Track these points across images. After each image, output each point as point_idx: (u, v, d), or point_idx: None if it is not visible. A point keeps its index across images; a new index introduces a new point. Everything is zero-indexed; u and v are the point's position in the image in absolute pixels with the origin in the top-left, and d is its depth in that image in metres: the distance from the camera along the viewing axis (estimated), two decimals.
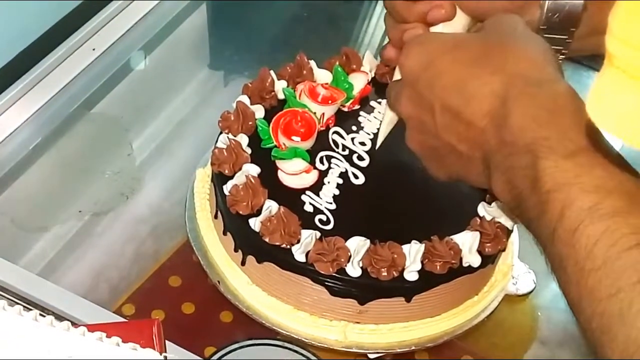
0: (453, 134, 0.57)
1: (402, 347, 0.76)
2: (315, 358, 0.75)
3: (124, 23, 1.06)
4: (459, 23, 0.66)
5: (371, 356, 0.77)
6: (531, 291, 0.84)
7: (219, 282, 0.80)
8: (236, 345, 0.78)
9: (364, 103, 0.86)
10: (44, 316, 0.47)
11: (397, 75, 0.66)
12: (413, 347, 0.77)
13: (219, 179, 0.78)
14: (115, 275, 0.85)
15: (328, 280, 0.72)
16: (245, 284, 0.79)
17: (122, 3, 1.07)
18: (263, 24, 1.21)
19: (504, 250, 0.76)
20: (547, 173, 0.47)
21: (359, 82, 0.85)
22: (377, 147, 0.80)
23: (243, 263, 0.78)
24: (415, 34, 0.64)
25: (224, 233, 0.79)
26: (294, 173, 0.77)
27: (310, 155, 0.79)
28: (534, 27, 0.62)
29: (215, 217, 0.81)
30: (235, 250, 0.78)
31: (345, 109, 0.85)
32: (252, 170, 0.76)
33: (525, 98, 0.52)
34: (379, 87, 0.87)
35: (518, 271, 0.83)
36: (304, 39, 1.18)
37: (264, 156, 0.79)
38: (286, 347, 0.78)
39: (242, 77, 1.07)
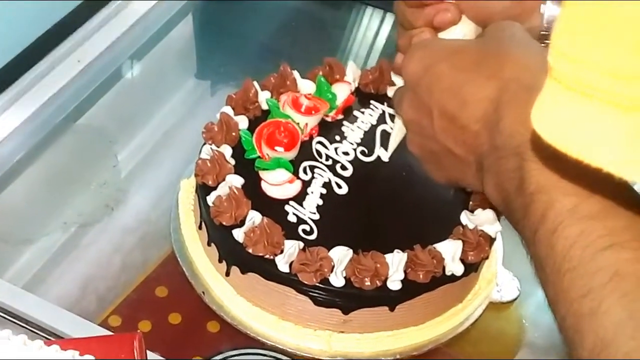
0: (450, 138, 0.58)
1: (386, 356, 0.76)
2: None
3: (109, 35, 1.06)
4: (466, 28, 0.67)
5: None
6: (515, 298, 0.84)
7: (203, 292, 0.80)
8: (221, 356, 0.78)
9: (348, 113, 0.86)
10: (17, 335, 0.47)
11: (400, 81, 0.67)
12: (398, 356, 0.77)
13: (202, 190, 0.78)
14: (103, 286, 0.85)
15: (312, 290, 0.73)
16: (230, 295, 0.79)
17: (107, 15, 1.07)
18: (250, 34, 1.21)
19: (487, 258, 0.76)
20: (532, 175, 0.48)
21: (342, 92, 0.85)
22: (389, 157, 0.81)
23: (227, 274, 0.78)
24: (422, 38, 0.66)
25: (209, 244, 0.79)
26: (277, 183, 0.78)
27: (294, 166, 0.79)
28: (534, 35, 0.63)
29: (200, 227, 0.81)
30: (220, 261, 0.78)
31: (329, 119, 0.85)
32: (236, 181, 0.77)
33: (517, 103, 0.52)
34: (362, 96, 0.87)
35: (502, 279, 0.83)
36: (291, 48, 1.18)
37: (247, 167, 0.79)
38: (271, 357, 0.79)
39: (229, 86, 1.07)
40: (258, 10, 1.24)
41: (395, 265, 0.71)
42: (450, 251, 0.73)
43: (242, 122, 0.82)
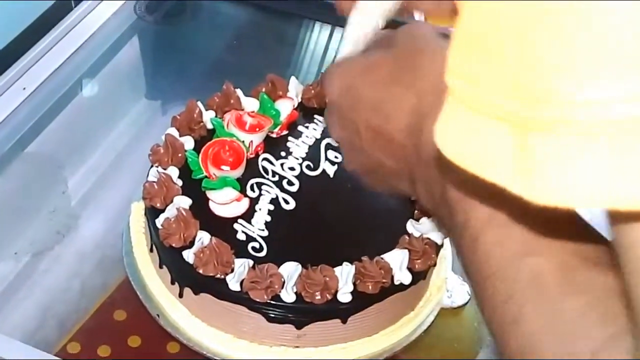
0: (380, 151, 0.59)
1: None
2: None
3: (54, 61, 1.06)
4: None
5: None
6: (466, 303, 0.85)
7: (158, 315, 0.80)
8: None
9: (292, 128, 0.87)
10: None
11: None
12: None
13: (151, 213, 0.78)
14: (62, 313, 0.85)
15: (264, 307, 0.73)
16: (185, 316, 0.79)
17: (50, 41, 1.07)
18: (199, 52, 1.21)
19: (434, 265, 0.78)
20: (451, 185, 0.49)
21: (285, 108, 0.86)
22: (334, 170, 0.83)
23: (181, 295, 0.78)
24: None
25: (160, 266, 0.80)
26: (224, 202, 0.78)
27: (241, 184, 0.80)
28: None
29: (151, 250, 0.82)
30: (172, 283, 0.79)
31: (274, 136, 0.86)
32: (183, 202, 0.77)
33: (434, 112, 0.53)
34: (306, 111, 0.88)
35: (452, 284, 0.84)
36: (240, 65, 1.18)
37: (195, 187, 0.79)
38: None
39: (180, 105, 1.06)
40: (206, 28, 1.25)
41: (344, 278, 0.72)
42: (397, 261, 0.73)
43: (188, 142, 0.82)
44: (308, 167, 0.83)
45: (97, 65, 1.12)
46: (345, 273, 0.72)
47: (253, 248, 0.76)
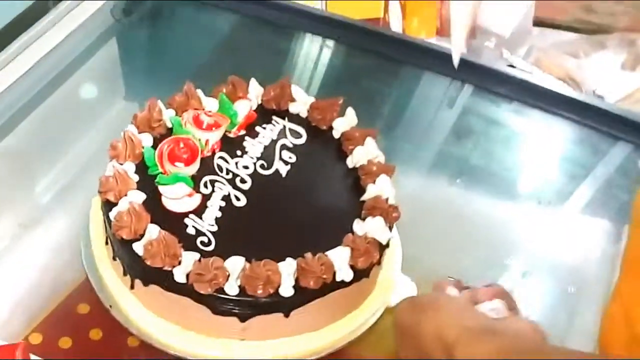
0: None
1: None
2: None
3: (30, 60, 1.09)
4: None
5: None
6: None
7: (111, 306, 0.82)
8: None
9: (250, 129, 0.89)
10: None
11: None
12: None
13: (106, 206, 0.80)
14: (29, 305, 0.86)
15: (209, 299, 0.75)
16: (136, 308, 0.81)
17: (27, 40, 1.09)
18: (177, 54, 1.23)
19: (378, 264, 0.79)
20: None
21: (243, 108, 0.88)
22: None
23: (132, 287, 0.80)
24: None
25: (114, 258, 0.82)
26: (176, 197, 0.80)
27: (195, 180, 0.82)
28: None
29: (107, 243, 0.84)
30: (125, 275, 0.81)
31: (232, 135, 0.88)
32: (136, 196, 0.79)
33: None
34: (264, 113, 0.90)
35: (400, 284, 0.86)
36: (219, 66, 1.20)
37: (151, 183, 0.81)
38: None
39: None
40: (185, 31, 1.26)
41: (287, 273, 0.74)
42: (339, 258, 0.75)
43: (146, 139, 0.84)
44: (262, 166, 0.85)
45: (73, 65, 1.14)
46: (287, 268, 0.74)
47: (202, 242, 0.77)
